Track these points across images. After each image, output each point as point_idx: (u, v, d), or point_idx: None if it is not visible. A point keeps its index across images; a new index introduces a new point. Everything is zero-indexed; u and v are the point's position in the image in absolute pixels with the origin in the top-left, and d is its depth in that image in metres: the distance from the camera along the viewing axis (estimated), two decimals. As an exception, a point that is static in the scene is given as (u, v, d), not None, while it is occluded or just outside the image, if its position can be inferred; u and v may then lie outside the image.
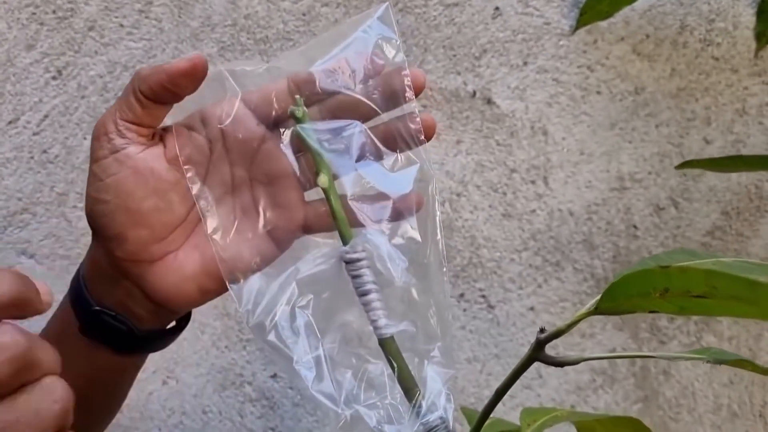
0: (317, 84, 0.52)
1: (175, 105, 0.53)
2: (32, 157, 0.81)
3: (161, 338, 0.58)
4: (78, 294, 0.56)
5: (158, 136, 0.54)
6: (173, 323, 0.58)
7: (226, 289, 0.53)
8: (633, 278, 0.38)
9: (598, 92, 0.91)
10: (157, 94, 0.51)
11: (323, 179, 0.51)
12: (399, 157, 0.52)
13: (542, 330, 0.45)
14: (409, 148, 0.52)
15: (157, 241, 0.53)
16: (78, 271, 0.57)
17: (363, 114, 0.52)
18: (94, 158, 0.52)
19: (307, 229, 0.55)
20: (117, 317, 0.55)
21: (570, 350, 0.91)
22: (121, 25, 0.82)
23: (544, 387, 0.91)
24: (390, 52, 0.52)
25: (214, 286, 0.54)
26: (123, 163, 0.52)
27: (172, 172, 0.53)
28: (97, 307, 0.55)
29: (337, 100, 0.53)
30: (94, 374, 0.58)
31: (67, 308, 0.57)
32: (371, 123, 0.53)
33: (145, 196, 0.52)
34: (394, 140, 0.52)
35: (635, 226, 0.92)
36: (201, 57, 0.50)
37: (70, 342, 0.56)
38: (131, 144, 0.52)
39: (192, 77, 0.51)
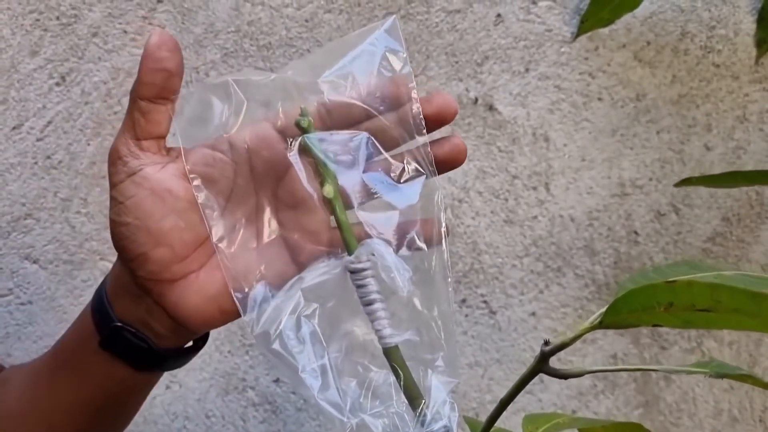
0: (325, 96, 0.53)
1: (185, 122, 0.53)
2: (36, 163, 0.81)
3: (179, 357, 0.58)
4: (100, 308, 0.56)
5: (176, 153, 0.53)
6: (191, 343, 0.58)
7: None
8: (637, 293, 0.38)
9: (600, 99, 0.91)
10: (154, 86, 0.51)
11: (328, 189, 0.51)
12: (406, 168, 0.52)
13: (547, 342, 0.45)
14: (424, 173, 0.53)
15: (178, 260, 0.52)
16: (102, 284, 0.57)
17: (389, 141, 0.53)
18: (112, 184, 0.52)
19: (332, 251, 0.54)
20: (137, 334, 0.55)
21: (572, 356, 0.91)
22: (125, 32, 0.82)
23: (545, 392, 0.91)
24: (397, 64, 0.52)
25: (235, 307, 0.53)
26: (140, 185, 0.52)
27: (190, 191, 0.52)
28: (119, 323, 0.55)
29: (365, 128, 0.53)
30: (110, 388, 0.58)
31: (87, 321, 0.57)
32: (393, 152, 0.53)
33: (164, 215, 0.52)
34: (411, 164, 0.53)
35: (636, 232, 0.93)
36: (158, 29, 0.51)
37: (89, 355, 0.56)
38: (147, 165, 0.52)
39: (166, 46, 0.51)
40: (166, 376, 0.84)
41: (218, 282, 0.53)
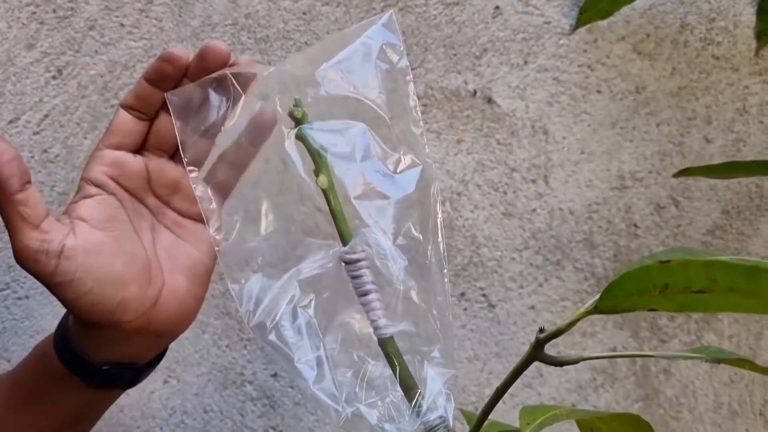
0: (322, 89, 0.54)
1: (183, 117, 0.54)
2: (33, 157, 0.81)
3: (156, 362, 0.61)
4: (72, 356, 0.57)
5: (66, 218, 0.56)
6: None
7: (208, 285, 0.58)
8: (632, 276, 0.38)
9: (599, 91, 0.91)
10: (16, 175, 0.53)
11: (323, 180, 0.52)
12: (402, 159, 0.53)
13: (542, 330, 0.45)
14: (420, 164, 0.53)
15: (147, 285, 0.55)
16: (63, 332, 0.58)
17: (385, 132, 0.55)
18: (46, 276, 0.54)
19: None
20: (123, 365, 0.58)
21: (571, 349, 0.91)
22: (122, 25, 0.82)
23: (544, 386, 0.91)
24: (394, 57, 0.53)
25: (204, 288, 0.58)
26: (73, 256, 0.53)
27: (106, 233, 0.55)
28: (106, 367, 0.57)
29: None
30: (83, 410, 0.60)
31: (46, 353, 0.59)
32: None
33: (112, 260, 0.54)
34: None
35: (636, 225, 0.92)
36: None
37: (55, 385, 0.58)
38: (62, 238, 0.54)
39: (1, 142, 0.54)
40: (164, 371, 0.84)
41: (182, 281, 0.57)
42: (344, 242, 0.51)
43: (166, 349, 0.60)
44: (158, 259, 0.57)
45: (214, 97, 0.55)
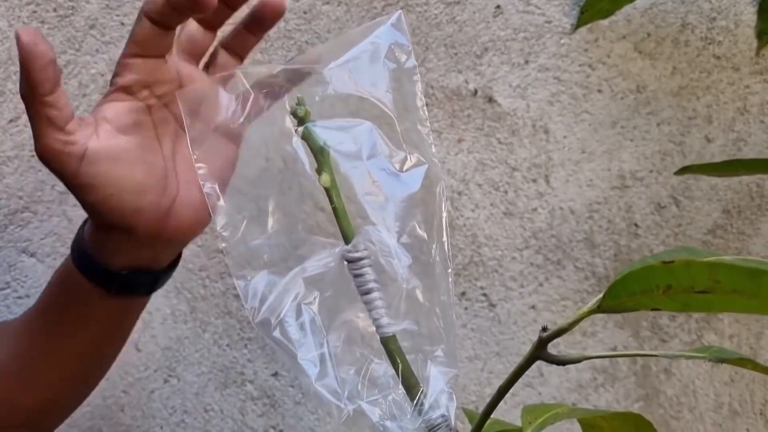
0: (330, 87, 0.54)
1: (192, 114, 0.54)
2: (33, 156, 0.80)
3: (172, 269, 0.62)
4: (91, 265, 0.59)
5: (94, 117, 0.56)
6: None
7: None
8: (635, 275, 0.38)
9: (600, 91, 0.91)
10: (50, 79, 0.53)
11: (325, 178, 0.52)
12: (408, 157, 0.53)
13: (545, 329, 0.45)
14: (426, 163, 0.54)
15: (162, 194, 0.57)
16: (79, 245, 0.60)
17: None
18: (68, 176, 0.55)
19: None
20: (141, 270, 0.59)
21: (571, 348, 0.91)
22: (122, 24, 0.82)
23: (545, 385, 0.91)
24: (402, 57, 0.54)
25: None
26: (96, 160, 0.54)
27: (128, 138, 0.56)
28: (124, 272, 0.59)
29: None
30: (110, 324, 0.62)
31: (66, 273, 0.60)
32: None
33: (131, 169, 0.55)
34: None
35: (636, 225, 0.92)
36: (20, 26, 0.54)
37: (80, 301, 0.60)
38: (84, 141, 0.54)
39: (39, 38, 0.53)
40: (164, 371, 0.84)
41: (196, 189, 0.57)
42: (347, 240, 0.51)
43: (180, 256, 0.62)
44: (176, 168, 0.58)
45: (223, 96, 0.55)
